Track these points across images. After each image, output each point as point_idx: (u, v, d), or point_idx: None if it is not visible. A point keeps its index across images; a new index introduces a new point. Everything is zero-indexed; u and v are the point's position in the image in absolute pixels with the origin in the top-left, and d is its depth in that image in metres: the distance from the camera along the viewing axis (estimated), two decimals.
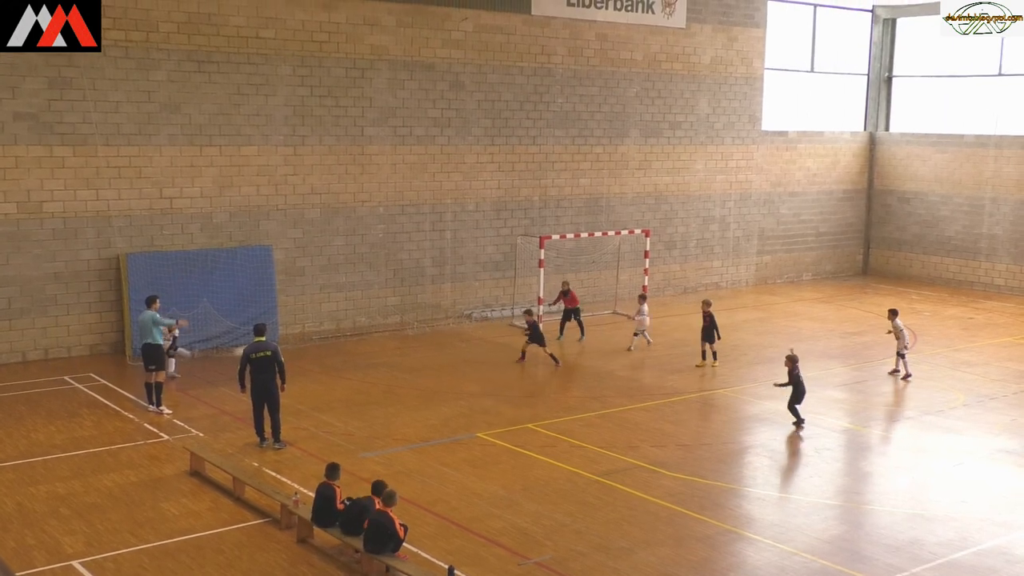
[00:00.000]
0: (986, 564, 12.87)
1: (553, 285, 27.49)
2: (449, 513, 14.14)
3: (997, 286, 32.97)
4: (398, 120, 25.74)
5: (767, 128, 33.22)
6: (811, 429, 18.33)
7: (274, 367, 16.46)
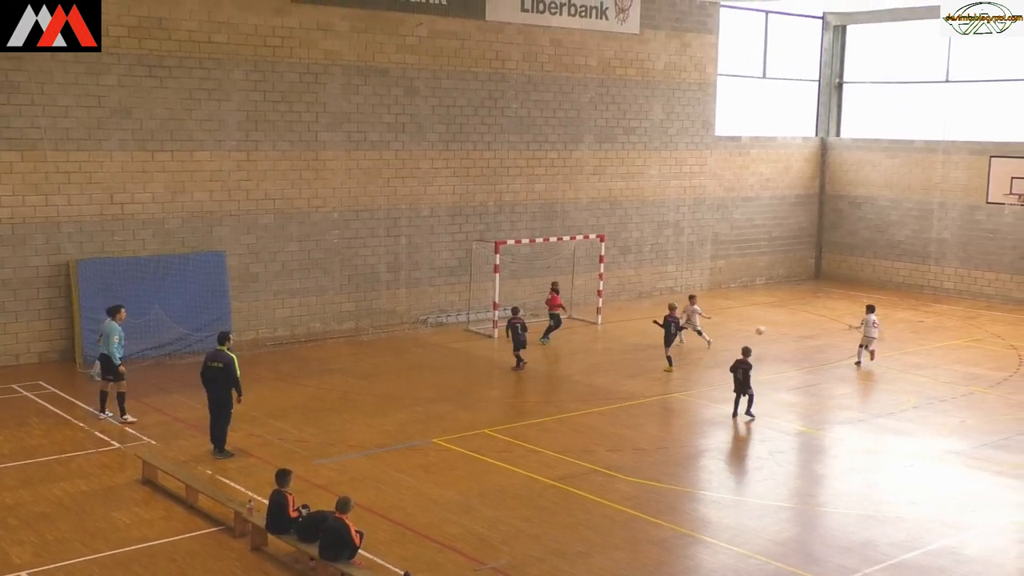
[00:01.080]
0: (936, 564, 13.04)
1: (508, 290, 27.54)
2: (405, 519, 14.09)
3: (946, 289, 33.45)
4: (352, 125, 25.64)
5: (720, 133, 33.48)
6: (765, 432, 18.47)
7: (224, 380, 16.29)
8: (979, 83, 33.27)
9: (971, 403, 20.72)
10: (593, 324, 27.54)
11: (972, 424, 19.28)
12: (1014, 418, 19.65)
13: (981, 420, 19.55)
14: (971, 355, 24.87)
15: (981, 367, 23.63)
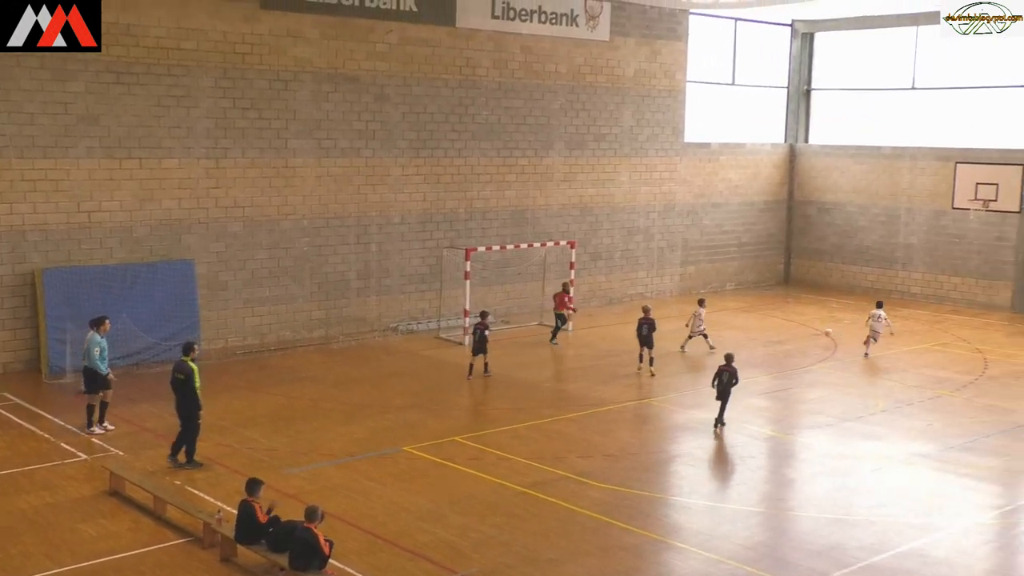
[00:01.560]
0: (904, 567, 13.13)
1: (479, 297, 27.51)
2: (376, 528, 14.03)
3: (913, 294, 33.72)
4: (322, 133, 25.56)
5: (690, 140, 33.62)
6: (735, 437, 18.55)
7: (186, 391, 16.18)
8: (944, 90, 33.58)
9: (938, 406, 20.90)
10: (564, 330, 27.54)
11: (939, 427, 19.45)
12: (979, 421, 19.84)
13: (947, 423, 19.72)
14: (937, 359, 25.08)
15: (947, 371, 23.84)
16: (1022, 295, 31.44)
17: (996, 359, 25.11)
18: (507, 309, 29.13)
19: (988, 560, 13.73)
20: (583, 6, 29.32)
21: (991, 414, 20.29)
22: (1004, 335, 28.24)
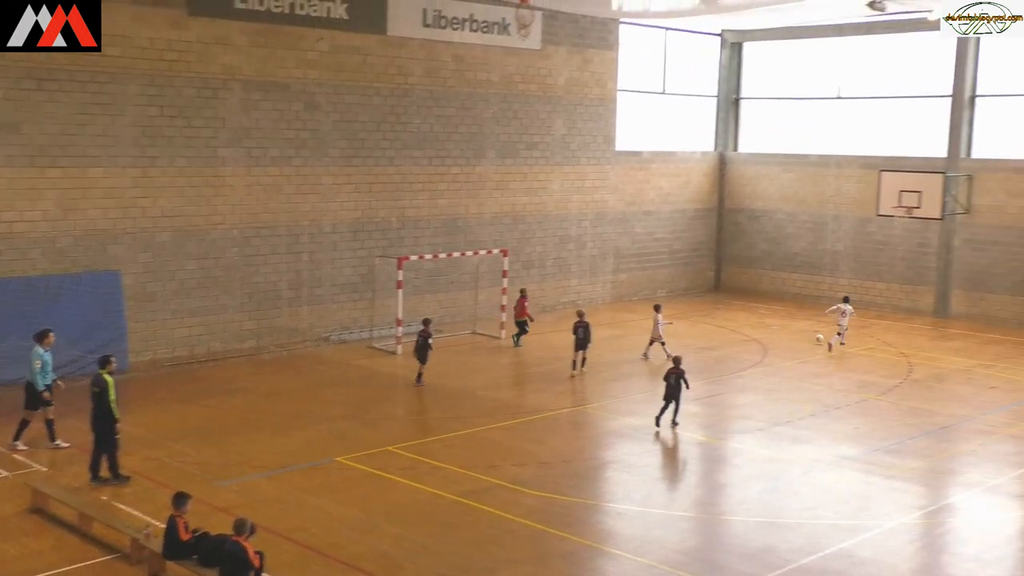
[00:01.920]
0: (833, 567, 13.33)
1: (411, 305, 27.44)
2: (308, 540, 13.90)
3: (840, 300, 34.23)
4: (252, 141, 25.31)
5: (621, 148, 33.88)
6: (668, 443, 18.68)
7: (99, 403, 15.88)
8: (869, 100, 34.26)
9: (864, 410, 21.28)
10: (497, 339, 27.58)
11: (865, 430, 19.80)
12: (904, 423, 20.24)
13: (874, 426, 20.09)
14: (864, 363, 25.53)
15: (873, 375, 24.28)
16: (944, 300, 32.14)
17: (920, 363, 25.63)
18: (440, 318, 29.02)
19: (913, 559, 14.01)
20: (514, 15, 29.42)
21: (915, 416, 20.70)
22: (927, 339, 28.84)
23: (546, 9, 29.96)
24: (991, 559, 13.79)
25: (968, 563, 13.66)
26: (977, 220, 31.47)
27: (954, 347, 27.74)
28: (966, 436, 19.49)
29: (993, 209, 31.14)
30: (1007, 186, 30.85)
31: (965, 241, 31.76)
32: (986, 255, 31.41)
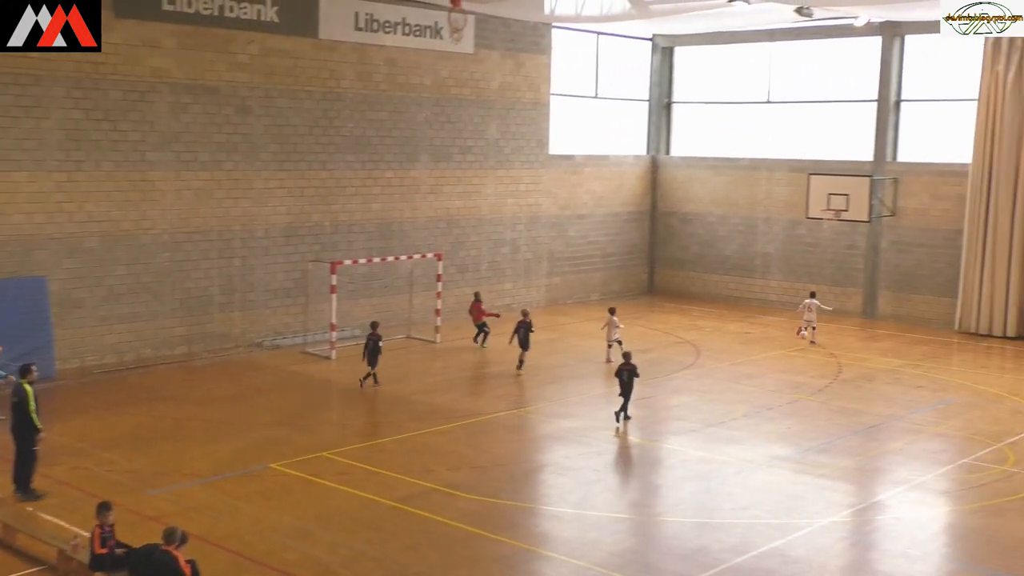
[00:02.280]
0: (764, 566, 13.49)
1: (345, 310, 27.28)
2: (242, 548, 13.74)
3: (771, 301, 34.75)
4: (182, 145, 24.97)
5: (555, 152, 34.01)
6: (603, 445, 18.79)
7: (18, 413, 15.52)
8: (797, 104, 34.79)
9: (796, 410, 21.59)
10: (431, 343, 27.51)
11: (797, 430, 20.08)
12: (834, 423, 20.57)
13: (805, 426, 20.39)
14: (795, 364, 25.89)
15: (804, 375, 24.64)
16: (872, 301, 32.74)
17: (849, 363, 26.07)
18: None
19: (843, 557, 14.23)
20: (447, 19, 29.37)
21: (845, 416, 21.05)
22: (856, 339, 29.35)
23: (479, 13, 29.98)
24: (918, 555, 14.06)
25: (896, 559, 13.91)
26: (903, 223, 32.10)
27: (882, 347, 28.28)
28: (894, 435, 19.87)
29: (918, 212, 31.79)
30: (931, 189, 31.52)
31: (892, 243, 32.38)
32: (912, 257, 32.05)
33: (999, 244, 29.69)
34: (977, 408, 21.90)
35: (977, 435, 19.76)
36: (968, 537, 15.02)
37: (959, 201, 30.73)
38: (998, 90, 29.44)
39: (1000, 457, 18.39)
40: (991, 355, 27.91)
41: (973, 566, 13.85)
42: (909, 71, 32.25)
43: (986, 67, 29.64)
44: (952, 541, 15.07)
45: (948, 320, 31.07)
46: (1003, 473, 17.53)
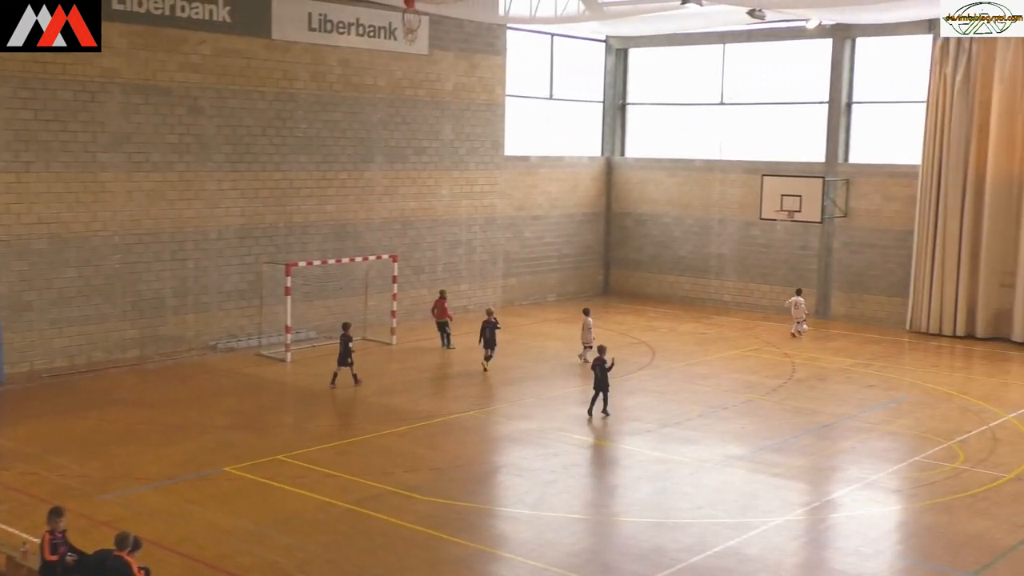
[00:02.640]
0: (721, 566, 13.58)
1: (301, 312, 27.11)
2: (196, 552, 13.60)
3: (725, 302, 35.00)
4: (133, 146, 24.68)
5: (510, 153, 34.03)
6: (559, 446, 18.81)
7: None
8: (750, 105, 35.08)
9: (750, 410, 21.75)
10: (388, 345, 27.42)
11: (751, 429, 20.24)
12: (788, 422, 20.75)
13: (759, 425, 20.55)
14: (749, 364, 26.10)
15: (758, 375, 24.84)
16: (825, 301, 33.08)
17: (802, 363, 26.32)
18: (330, 325, 28.73)
19: (797, 555, 14.36)
20: (401, 19, 29.27)
21: (799, 415, 21.25)
22: (809, 339, 29.63)
23: (433, 14, 29.93)
24: (871, 552, 14.22)
25: (849, 556, 14.06)
26: (855, 223, 32.47)
27: (835, 347, 28.57)
28: (846, 434, 20.08)
29: (869, 213, 32.18)
30: (882, 190, 31.90)
31: (844, 244, 32.74)
32: (863, 257, 32.43)
33: (949, 245, 30.12)
34: (927, 407, 22.20)
35: (927, 433, 20.02)
36: (919, 534, 15.22)
37: (910, 202, 31.14)
38: (946, 92, 29.87)
39: (950, 455, 18.65)
40: (941, 354, 28.31)
41: (924, 562, 14.03)
42: (860, 73, 32.65)
43: (934, 70, 30.07)
44: (903, 538, 15.26)
45: (900, 320, 31.47)
46: (953, 471, 17.78)
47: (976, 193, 29.80)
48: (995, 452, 18.83)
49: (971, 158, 29.75)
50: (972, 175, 29.77)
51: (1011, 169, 29.28)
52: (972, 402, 22.58)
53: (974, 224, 29.90)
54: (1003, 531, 14.96)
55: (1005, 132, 29.25)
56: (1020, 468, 17.90)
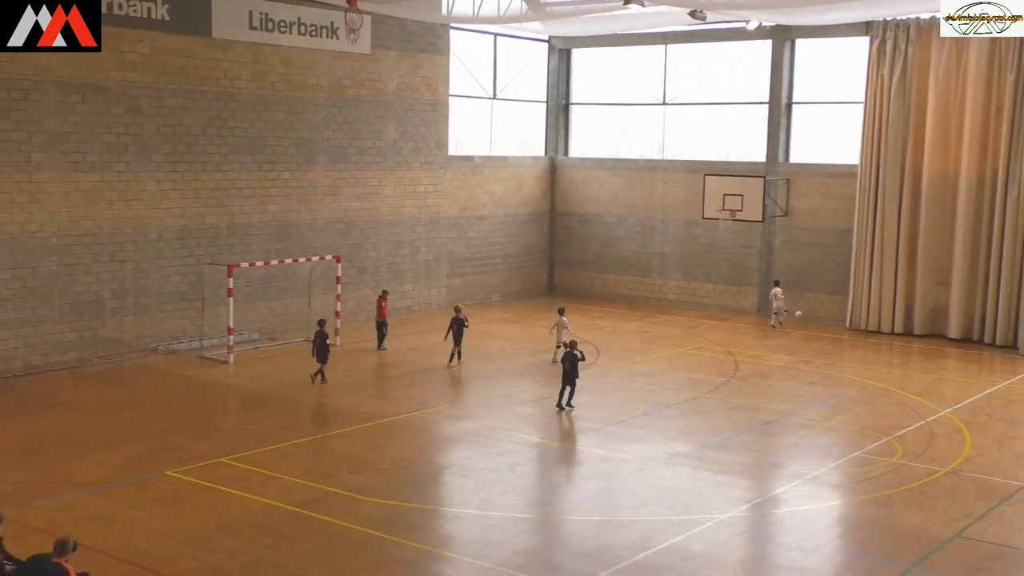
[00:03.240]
0: (665, 562, 13.67)
1: (243, 313, 26.87)
2: (138, 557, 13.41)
3: (669, 300, 35.25)
4: (70, 146, 24.28)
5: (454, 153, 33.98)
6: (504, 445, 18.82)
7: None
8: (692, 105, 35.37)
9: (694, 407, 21.93)
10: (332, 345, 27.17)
11: (695, 427, 20.41)
12: (731, 420, 20.96)
13: (703, 423, 20.73)
14: (693, 362, 26.30)
15: (701, 373, 25.05)
16: (767, 300, 33.43)
17: (745, 361, 26.58)
18: (273, 326, 28.54)
19: (741, 551, 14.51)
20: (344, 19, 29.15)
21: (741, 413, 21.46)
22: (752, 338, 29.95)
23: (375, 13, 29.80)
24: (812, 547, 14.40)
25: (791, 551, 14.22)
26: (795, 222, 32.87)
27: (776, 345, 28.90)
28: (788, 430, 20.31)
29: (810, 211, 32.59)
30: (822, 189, 32.33)
31: (785, 242, 33.13)
32: (804, 256, 32.84)
33: (887, 243, 30.61)
34: (867, 403, 22.54)
35: (867, 429, 20.33)
36: (859, 528, 15.43)
37: (849, 201, 31.58)
38: (883, 93, 30.35)
39: (889, 450, 18.95)
40: (880, 351, 28.76)
41: (864, 556, 14.24)
42: (800, 74, 33.05)
43: (871, 71, 30.54)
44: (844, 532, 15.47)
45: (840, 317, 31.91)
46: (891, 465, 18.07)
47: (913, 192, 30.32)
48: (932, 447, 19.18)
49: (908, 158, 30.26)
50: (909, 175, 30.29)
51: (946, 169, 29.83)
52: (910, 398, 22.97)
53: (911, 223, 30.43)
54: (939, 524, 15.23)
55: (940, 132, 29.80)
56: (956, 462, 18.25)
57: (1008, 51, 28.35)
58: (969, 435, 19.94)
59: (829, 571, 13.72)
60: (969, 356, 27.94)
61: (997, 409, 22.12)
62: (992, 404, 22.54)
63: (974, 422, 20.91)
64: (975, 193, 29.36)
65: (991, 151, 29.08)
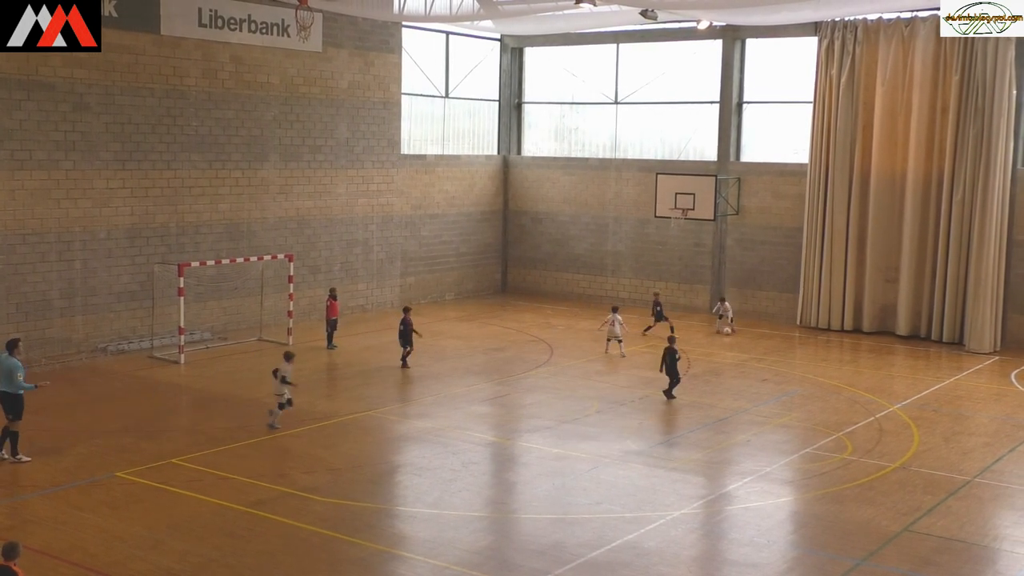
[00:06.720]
0: (620, 559, 13.74)
1: (195, 313, 26.61)
2: (87, 560, 13.24)
3: (622, 299, 35.36)
4: (15, 143, 23.90)
5: (406, 152, 33.89)
6: (458, 444, 18.81)
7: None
8: (644, 105, 35.54)
9: (647, 406, 22.04)
10: (284, 345, 27.04)
11: (649, 425, 20.53)
12: (684, 417, 21.10)
13: (656, 421, 20.87)
14: (646, 360, 26.41)
15: (655, 371, 25.01)
16: (718, 298, 33.67)
17: (697, 358, 26.76)
18: (224, 325, 28.28)
19: (694, 547, 14.61)
20: (294, 16, 28.93)
21: (694, 410, 21.61)
22: (704, 336, 30.15)
23: (326, 11, 29.63)
24: (764, 543, 14.54)
25: (744, 547, 14.35)
26: (746, 221, 33.15)
27: (728, 342, 29.13)
28: (741, 427, 20.49)
29: (761, 210, 32.88)
30: (772, 188, 32.64)
31: (736, 241, 33.41)
32: (755, 254, 33.13)
33: (836, 241, 30.97)
34: (818, 399, 22.79)
35: (818, 426, 20.56)
36: (810, 523, 15.60)
37: (799, 200, 31.91)
38: (831, 93, 30.70)
39: (839, 446, 19.17)
40: (830, 348, 29.09)
41: (815, 551, 14.40)
42: (750, 74, 33.33)
43: (820, 71, 30.87)
44: (796, 528, 15.62)
45: (791, 315, 32.23)
46: (842, 461, 18.29)
47: (861, 191, 30.70)
48: (881, 442, 19.44)
49: (856, 157, 30.63)
50: (857, 174, 30.66)
51: (894, 168, 30.24)
52: (860, 394, 23.25)
53: (860, 221, 30.81)
54: (889, 518, 15.44)
55: (887, 132, 30.20)
56: (904, 457, 18.52)
57: (952, 52, 28.78)
58: (917, 431, 20.24)
59: (781, 566, 13.86)
60: (917, 352, 28.35)
61: (944, 405, 22.47)
62: (939, 400, 22.88)
63: (922, 418, 21.22)
64: (922, 192, 29.79)
65: (937, 151, 29.51)
